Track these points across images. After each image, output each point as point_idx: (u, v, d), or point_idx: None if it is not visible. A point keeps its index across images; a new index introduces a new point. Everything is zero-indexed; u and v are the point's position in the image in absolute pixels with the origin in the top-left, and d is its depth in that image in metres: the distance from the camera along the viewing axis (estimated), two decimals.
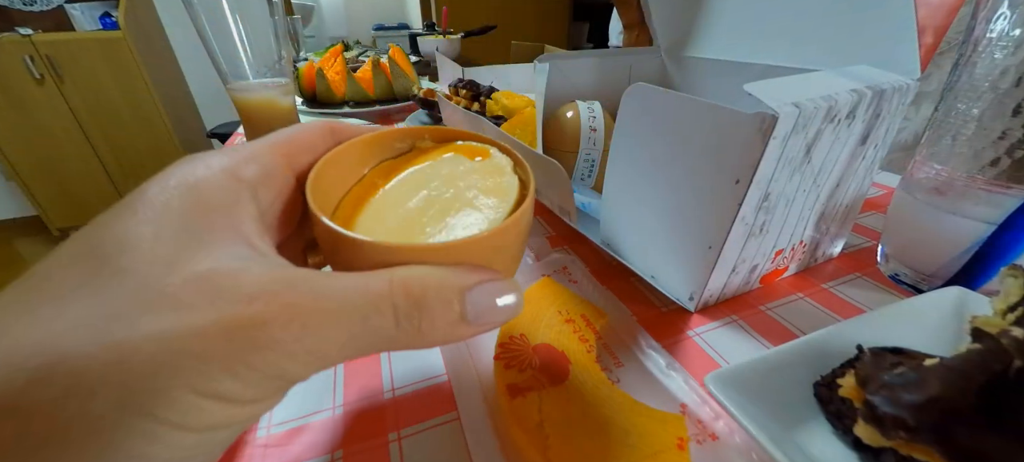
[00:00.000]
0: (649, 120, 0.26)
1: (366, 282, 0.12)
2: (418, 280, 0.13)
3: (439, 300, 0.13)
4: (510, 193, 0.16)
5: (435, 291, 0.13)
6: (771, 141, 0.21)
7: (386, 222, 0.16)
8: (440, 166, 0.18)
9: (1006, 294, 0.20)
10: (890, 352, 0.20)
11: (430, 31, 1.53)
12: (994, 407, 0.16)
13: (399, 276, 0.12)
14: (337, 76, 0.81)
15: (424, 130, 0.20)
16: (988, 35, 0.24)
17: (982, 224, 0.25)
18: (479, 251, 0.14)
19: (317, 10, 2.07)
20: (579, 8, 2.85)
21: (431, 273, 0.13)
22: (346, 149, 0.17)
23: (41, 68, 1.71)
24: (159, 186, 0.12)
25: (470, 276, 0.13)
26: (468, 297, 0.13)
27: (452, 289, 0.13)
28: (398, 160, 0.19)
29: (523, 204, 0.15)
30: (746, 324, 0.28)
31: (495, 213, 0.15)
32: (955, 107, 0.26)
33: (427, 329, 0.13)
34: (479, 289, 0.13)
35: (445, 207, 0.16)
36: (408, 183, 0.17)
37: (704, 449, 0.20)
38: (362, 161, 0.18)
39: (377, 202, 0.17)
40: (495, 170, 0.17)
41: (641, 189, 0.28)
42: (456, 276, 0.13)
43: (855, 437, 0.18)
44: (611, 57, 0.45)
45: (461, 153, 0.19)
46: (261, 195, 0.14)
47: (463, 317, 0.13)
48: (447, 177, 0.17)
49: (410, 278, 0.12)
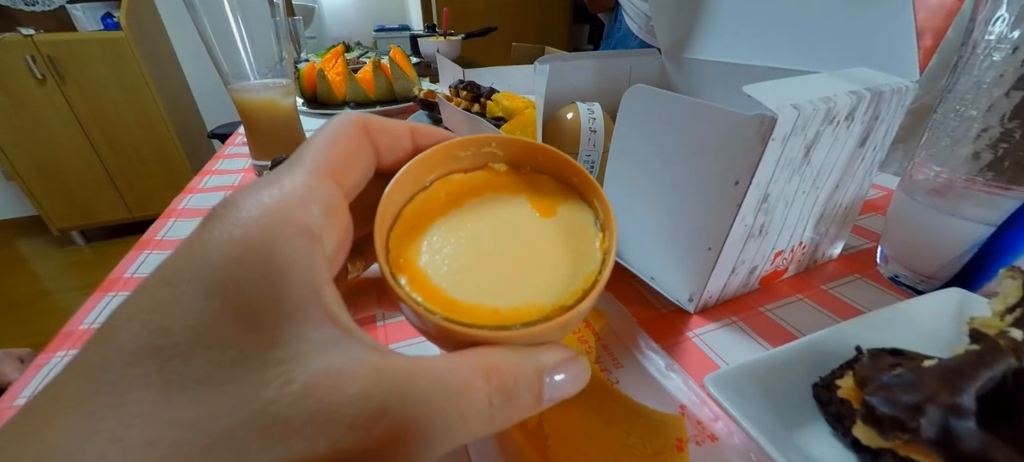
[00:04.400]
0: (649, 122, 0.26)
1: (466, 381, 0.11)
2: (511, 372, 0.12)
3: (525, 386, 0.12)
4: (590, 256, 0.15)
5: (523, 378, 0.12)
6: (770, 142, 0.21)
7: (456, 263, 0.15)
8: (516, 208, 0.17)
9: (1005, 296, 0.20)
10: (889, 353, 0.21)
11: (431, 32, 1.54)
12: (992, 408, 0.16)
13: (493, 366, 0.12)
14: (338, 77, 0.82)
15: (493, 141, 0.17)
16: (986, 37, 0.24)
17: (981, 226, 0.25)
18: (557, 331, 0.14)
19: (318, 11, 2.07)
20: (579, 10, 2.85)
21: (519, 362, 0.13)
22: (411, 168, 0.15)
23: (43, 68, 1.72)
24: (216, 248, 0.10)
25: (549, 358, 0.13)
26: (548, 380, 0.13)
27: (534, 374, 0.13)
28: (468, 178, 0.17)
29: (601, 278, 0.14)
30: (745, 325, 0.28)
31: (570, 276, 0.15)
32: (954, 109, 0.26)
33: (511, 417, 0.12)
34: (556, 369, 0.13)
35: (520, 259, 0.15)
36: (480, 218, 0.16)
37: (703, 450, 0.20)
38: (426, 174, 0.17)
39: (444, 229, 0.16)
40: (575, 226, 0.16)
41: (641, 190, 0.28)
42: (537, 360, 0.13)
43: (854, 438, 0.18)
44: (611, 59, 0.45)
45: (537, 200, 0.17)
46: (328, 241, 0.12)
47: (540, 398, 0.13)
48: (524, 221, 0.16)
49: (503, 369, 0.12)
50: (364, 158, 0.15)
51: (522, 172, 0.18)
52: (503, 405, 0.12)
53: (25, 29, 1.70)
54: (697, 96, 0.24)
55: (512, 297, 0.14)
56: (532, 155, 0.17)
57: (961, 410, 0.16)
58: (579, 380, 0.14)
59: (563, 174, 0.17)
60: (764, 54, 0.37)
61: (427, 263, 0.15)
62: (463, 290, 0.14)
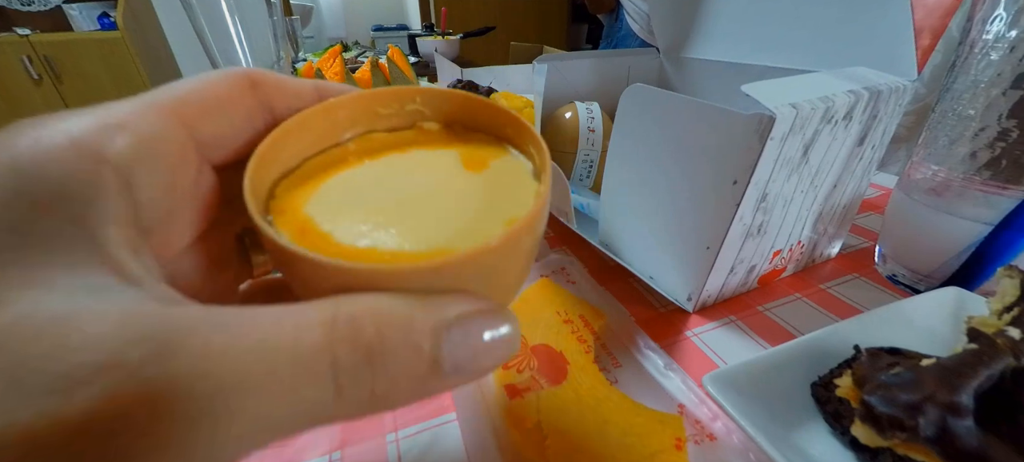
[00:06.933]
0: (647, 121, 0.26)
1: (295, 329, 0.08)
2: (375, 320, 0.09)
3: (403, 342, 0.09)
4: (520, 203, 0.12)
5: (398, 332, 0.09)
6: (768, 142, 0.21)
7: (348, 212, 0.12)
8: (441, 161, 0.14)
9: (1002, 295, 0.20)
10: (887, 352, 0.21)
11: (429, 32, 1.54)
12: (990, 407, 0.16)
13: (344, 314, 0.08)
14: (336, 77, 0.81)
15: (417, 94, 0.15)
16: (984, 37, 0.24)
17: (979, 225, 0.25)
18: (463, 272, 0.10)
19: (316, 11, 2.06)
20: (578, 10, 2.85)
21: (396, 308, 0.09)
22: (316, 113, 0.13)
23: (39, 68, 1.71)
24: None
25: (449, 306, 0.09)
26: (446, 336, 0.09)
27: (423, 326, 0.09)
28: (390, 137, 0.15)
29: (531, 212, 0.11)
30: (744, 324, 0.28)
31: (492, 222, 0.12)
32: (952, 108, 0.26)
33: (383, 391, 0.09)
34: (462, 324, 0.09)
35: (434, 208, 0.12)
36: (394, 170, 0.14)
37: (702, 449, 0.20)
38: (338, 130, 0.14)
39: (347, 179, 0.13)
40: (507, 176, 0.14)
41: (639, 190, 0.28)
42: (432, 308, 0.09)
43: (852, 437, 0.18)
44: (609, 58, 0.45)
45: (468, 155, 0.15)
46: (140, 181, 0.09)
47: (436, 365, 0.09)
48: (448, 174, 0.14)
49: (360, 315, 0.09)
50: (243, 111, 0.12)
51: (454, 130, 0.16)
52: (360, 371, 0.08)
53: (21, 29, 1.70)
54: (696, 95, 0.24)
55: (416, 241, 0.11)
56: (462, 109, 0.15)
57: (959, 409, 0.16)
58: (504, 346, 0.10)
59: (497, 127, 0.15)
60: (762, 53, 0.37)
61: (315, 210, 0.12)
62: (353, 236, 0.11)
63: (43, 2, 1.82)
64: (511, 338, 0.10)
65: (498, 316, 0.10)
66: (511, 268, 0.12)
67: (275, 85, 0.13)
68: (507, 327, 0.10)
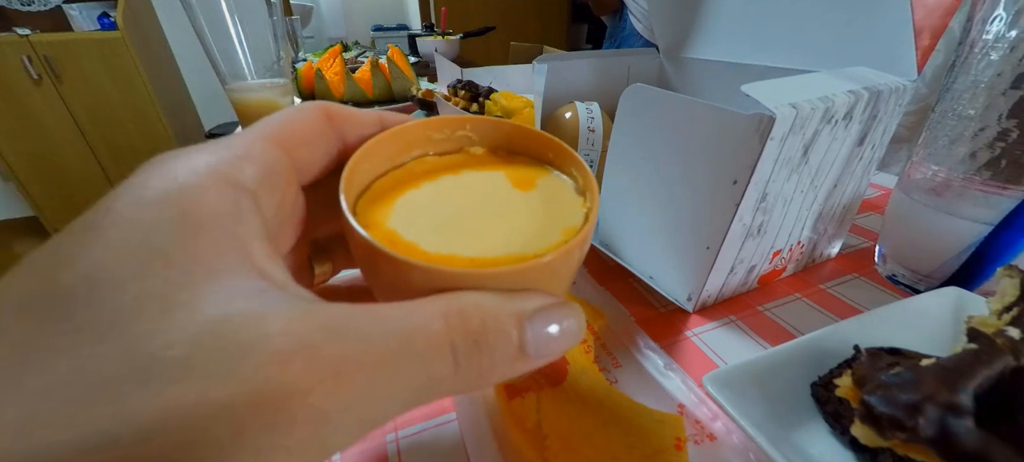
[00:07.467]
0: (647, 121, 0.26)
1: (422, 322, 0.10)
2: (478, 314, 0.11)
3: (498, 333, 0.11)
4: (571, 216, 0.15)
5: (496, 323, 0.11)
6: (768, 142, 0.21)
7: (424, 224, 0.14)
8: (493, 181, 0.16)
9: (1002, 294, 0.20)
10: (887, 352, 0.21)
11: (429, 32, 1.54)
12: (990, 407, 0.16)
13: (455, 308, 0.11)
14: (336, 77, 0.81)
15: (467, 122, 0.17)
16: (984, 37, 0.24)
17: (979, 225, 0.25)
18: (541, 275, 0.12)
19: (316, 11, 2.07)
20: (578, 10, 2.85)
21: (490, 303, 0.11)
22: (383, 140, 0.15)
23: (39, 68, 1.71)
24: (131, 199, 0.10)
25: (528, 301, 0.12)
26: (528, 325, 0.11)
27: (511, 319, 0.11)
28: (441, 159, 0.17)
29: (585, 226, 0.14)
30: (744, 324, 0.28)
31: (550, 231, 0.14)
32: (952, 108, 0.26)
33: (487, 369, 0.11)
34: (539, 315, 0.12)
35: (497, 219, 0.14)
36: (455, 188, 0.16)
37: (702, 449, 0.20)
38: (400, 153, 0.16)
39: (417, 197, 0.15)
40: (554, 193, 0.16)
41: (639, 190, 0.28)
42: (515, 304, 0.11)
43: (852, 437, 0.18)
44: (609, 58, 0.45)
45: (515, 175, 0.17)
46: (264, 203, 0.11)
47: (523, 349, 0.11)
48: (502, 191, 0.16)
49: (467, 309, 0.11)
50: (323, 141, 0.14)
51: (499, 154, 0.18)
52: (471, 352, 0.10)
53: (21, 29, 1.70)
54: (696, 95, 0.24)
55: (489, 248, 0.13)
56: (507, 136, 0.17)
57: (959, 409, 0.16)
58: (573, 332, 0.12)
59: (539, 151, 0.17)
60: (762, 53, 0.37)
61: (396, 223, 0.14)
62: (435, 244, 0.13)
63: (43, 2, 1.82)
64: (578, 325, 0.13)
65: (566, 307, 0.12)
66: (569, 269, 0.14)
67: (346, 116, 0.15)
68: (574, 316, 0.12)
